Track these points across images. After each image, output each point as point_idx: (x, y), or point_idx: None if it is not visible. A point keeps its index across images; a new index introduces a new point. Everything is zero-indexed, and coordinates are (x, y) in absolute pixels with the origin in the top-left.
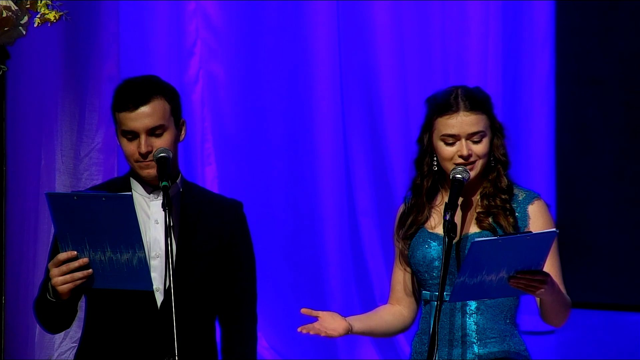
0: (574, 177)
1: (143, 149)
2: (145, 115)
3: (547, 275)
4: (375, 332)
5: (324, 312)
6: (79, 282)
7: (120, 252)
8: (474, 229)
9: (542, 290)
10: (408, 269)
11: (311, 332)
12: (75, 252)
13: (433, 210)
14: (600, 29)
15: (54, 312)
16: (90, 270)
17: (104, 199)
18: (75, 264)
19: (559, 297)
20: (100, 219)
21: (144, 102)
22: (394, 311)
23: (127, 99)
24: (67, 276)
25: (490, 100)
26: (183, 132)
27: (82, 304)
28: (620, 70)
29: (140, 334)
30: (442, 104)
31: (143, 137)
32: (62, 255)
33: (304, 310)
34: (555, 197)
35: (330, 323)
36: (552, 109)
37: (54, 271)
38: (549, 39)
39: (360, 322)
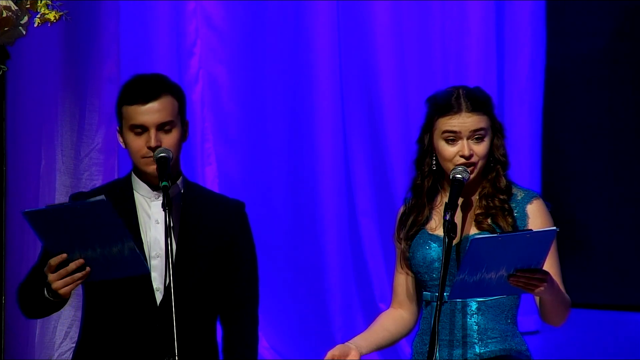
0: (569, 176)
1: (153, 143)
2: (155, 110)
3: (546, 273)
4: (381, 346)
5: (332, 352)
6: (79, 281)
7: (109, 247)
8: (473, 230)
9: (542, 288)
10: (409, 272)
11: None
12: (66, 255)
13: (433, 211)
14: (591, 29)
15: (47, 306)
16: (88, 268)
17: (78, 207)
18: (73, 265)
19: (559, 296)
20: (82, 224)
21: (155, 98)
22: (396, 317)
23: (137, 93)
24: (67, 278)
25: (491, 101)
26: (186, 132)
27: (79, 304)
28: (611, 70)
29: (140, 333)
30: (443, 104)
31: (152, 132)
32: (54, 261)
33: None
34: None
35: (343, 356)
36: (539, 108)
37: (52, 276)
38: (540, 38)
39: (366, 341)
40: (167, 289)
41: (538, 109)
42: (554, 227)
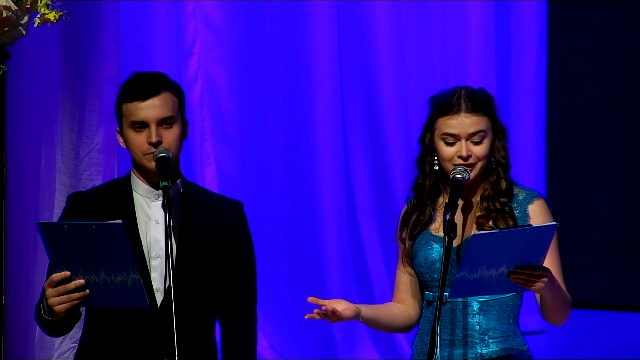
0: (569, 176)
1: (154, 139)
2: (155, 105)
3: (547, 270)
4: (381, 321)
5: (330, 300)
6: (75, 302)
7: (114, 274)
8: (474, 232)
9: (542, 285)
10: (412, 272)
11: (319, 316)
12: (69, 273)
13: (436, 212)
14: (592, 26)
15: (52, 324)
16: (88, 291)
17: (94, 227)
18: (72, 285)
19: (560, 294)
20: (92, 245)
21: (155, 94)
22: (400, 307)
23: (137, 89)
24: (64, 297)
25: (493, 102)
26: (186, 131)
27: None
28: (614, 68)
29: (140, 334)
30: (444, 104)
31: (153, 127)
32: (57, 276)
33: (310, 299)
34: (546, 196)
35: (339, 306)
36: (543, 106)
37: (50, 291)
38: (542, 37)
39: (368, 308)
40: (167, 289)
41: (542, 107)
42: (554, 223)
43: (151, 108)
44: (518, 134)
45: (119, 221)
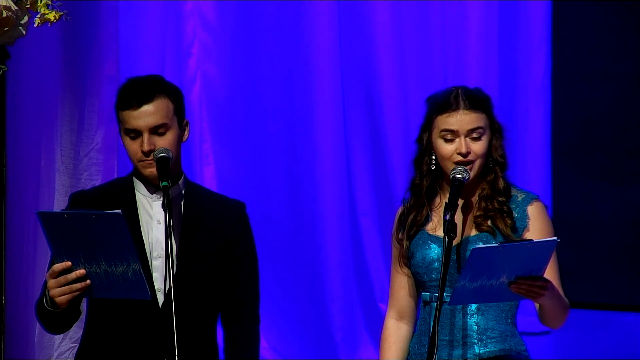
0: (571, 176)
1: (145, 147)
2: (148, 113)
3: (547, 281)
4: None
5: None
6: (77, 293)
7: (115, 265)
8: (473, 231)
9: (543, 296)
10: (409, 272)
11: None
12: (70, 263)
13: (433, 212)
14: (596, 26)
15: (54, 318)
16: (89, 281)
17: (93, 216)
18: (73, 275)
19: (559, 301)
20: (92, 235)
21: (148, 101)
22: (403, 333)
23: (130, 97)
24: (65, 287)
25: (490, 101)
26: (186, 132)
27: (83, 305)
28: (617, 67)
29: (141, 334)
30: (442, 102)
31: (146, 136)
32: (58, 267)
33: None
34: (551, 196)
35: None
36: (548, 106)
37: (52, 282)
38: (545, 37)
39: None
40: (167, 289)
41: (547, 107)
42: (555, 238)
43: (144, 116)
44: (522, 134)
45: (118, 211)
